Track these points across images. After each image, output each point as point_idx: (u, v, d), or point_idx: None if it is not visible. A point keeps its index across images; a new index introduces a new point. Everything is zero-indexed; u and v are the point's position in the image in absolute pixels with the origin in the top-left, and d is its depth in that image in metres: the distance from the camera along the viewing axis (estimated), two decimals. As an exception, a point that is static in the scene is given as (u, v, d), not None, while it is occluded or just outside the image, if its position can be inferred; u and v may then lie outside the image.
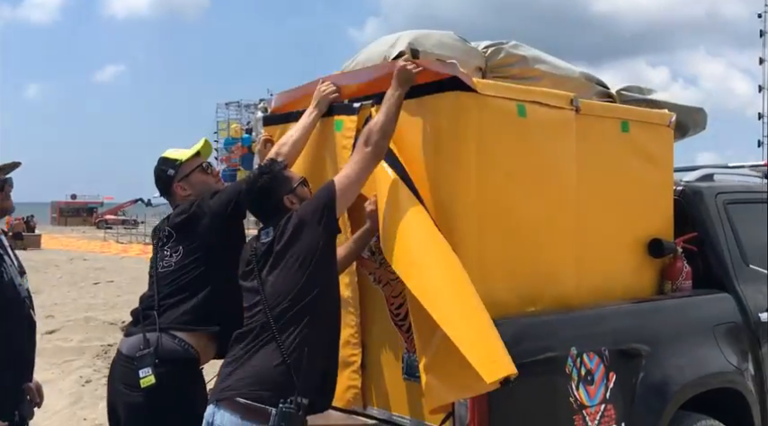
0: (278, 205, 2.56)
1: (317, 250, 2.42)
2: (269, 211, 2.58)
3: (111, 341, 7.88)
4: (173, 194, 2.96)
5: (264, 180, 2.60)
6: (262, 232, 2.55)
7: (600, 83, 3.57)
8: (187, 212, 2.82)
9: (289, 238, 2.44)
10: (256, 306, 2.43)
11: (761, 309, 3.31)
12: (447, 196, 2.56)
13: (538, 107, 2.77)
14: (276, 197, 2.57)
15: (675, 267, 3.25)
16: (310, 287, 2.39)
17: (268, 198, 2.58)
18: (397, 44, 2.95)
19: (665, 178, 3.34)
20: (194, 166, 2.95)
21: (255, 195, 2.62)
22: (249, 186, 2.64)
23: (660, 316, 3.06)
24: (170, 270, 2.77)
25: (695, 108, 3.89)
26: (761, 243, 3.60)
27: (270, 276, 2.44)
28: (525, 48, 3.26)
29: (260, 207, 2.63)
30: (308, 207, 2.51)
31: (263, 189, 2.60)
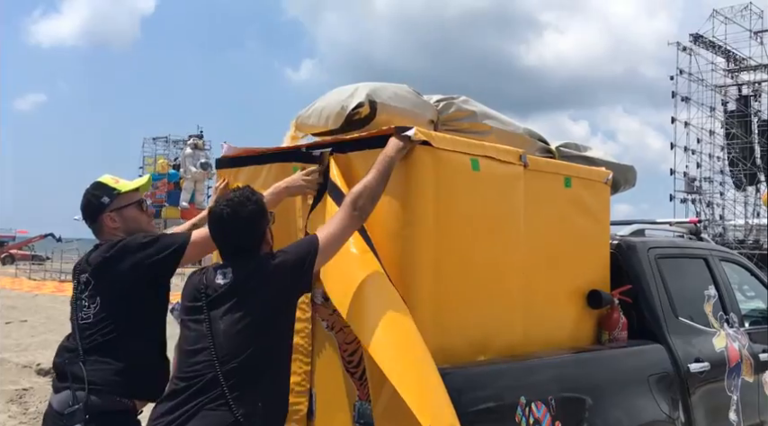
0: (257, 240, 2.38)
1: (284, 307, 2.31)
2: (246, 245, 2.37)
3: (26, 384, 7.43)
4: (100, 224, 2.72)
5: (252, 208, 2.38)
6: (219, 271, 2.34)
7: (541, 139, 3.75)
8: (110, 255, 2.56)
9: (256, 288, 2.27)
10: (202, 354, 2.23)
11: (690, 360, 3.49)
12: (405, 247, 2.61)
13: (490, 161, 2.88)
14: (260, 229, 2.40)
15: (612, 318, 3.39)
16: (270, 346, 2.26)
17: (253, 229, 2.38)
18: (356, 95, 3.02)
19: (602, 232, 3.51)
20: (132, 201, 2.76)
21: (241, 225, 2.36)
22: (232, 212, 2.36)
23: (601, 366, 3.18)
24: (89, 323, 2.54)
25: (627, 166, 4.13)
26: (688, 296, 3.82)
27: (223, 324, 2.25)
28: (475, 104, 3.40)
29: (239, 239, 2.38)
30: (287, 258, 2.34)
31: (251, 218, 2.38)
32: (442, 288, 2.65)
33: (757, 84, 31.39)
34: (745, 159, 30.67)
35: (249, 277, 2.30)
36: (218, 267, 2.37)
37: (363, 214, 2.49)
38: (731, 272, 4.32)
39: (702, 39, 30.49)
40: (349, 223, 2.47)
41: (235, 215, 2.37)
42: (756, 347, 4.06)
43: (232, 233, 2.39)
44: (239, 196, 2.41)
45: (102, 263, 2.58)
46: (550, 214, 3.20)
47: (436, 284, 2.63)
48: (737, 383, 3.80)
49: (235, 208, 2.38)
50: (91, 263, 2.62)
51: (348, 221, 2.47)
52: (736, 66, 31.61)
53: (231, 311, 2.26)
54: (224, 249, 2.45)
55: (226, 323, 2.25)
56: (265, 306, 2.27)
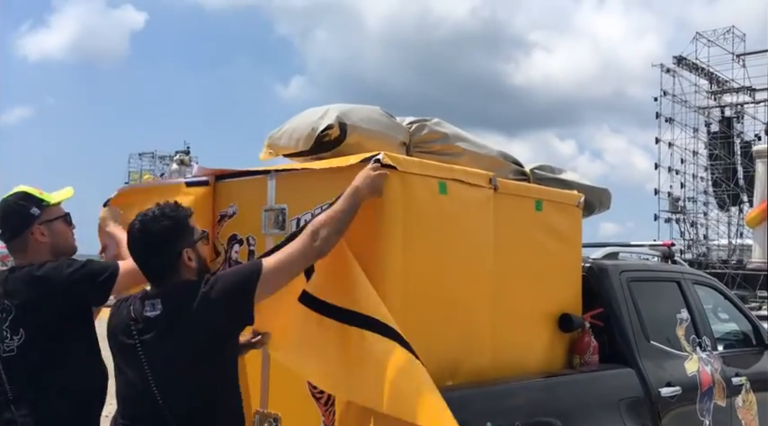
0: (173, 261, 2.16)
1: (223, 340, 2.14)
2: (161, 266, 2.17)
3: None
4: (24, 239, 2.50)
5: (166, 224, 2.15)
6: (147, 302, 2.13)
7: (515, 161, 3.77)
8: (34, 280, 2.38)
9: (190, 321, 2.08)
10: (146, 403, 2.08)
11: (661, 384, 3.49)
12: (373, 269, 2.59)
13: (458, 185, 2.88)
14: (175, 249, 2.16)
15: (584, 342, 3.38)
16: (215, 384, 2.13)
17: (164, 248, 2.15)
18: (326, 116, 3.02)
19: (574, 255, 3.51)
20: (61, 214, 2.60)
21: (151, 242, 2.15)
22: (143, 228, 2.16)
23: (571, 391, 3.16)
24: (12, 356, 2.35)
25: (601, 188, 4.15)
26: (661, 319, 3.82)
27: (161, 364, 2.08)
28: (447, 126, 3.42)
29: (150, 258, 2.18)
30: (222, 285, 2.12)
31: (162, 235, 2.15)
32: (410, 312, 2.63)
33: (739, 106, 31.84)
34: (728, 180, 31.01)
35: (180, 307, 2.10)
36: (145, 296, 2.17)
37: (325, 246, 2.29)
38: (705, 296, 4.34)
39: (686, 61, 30.91)
40: (306, 253, 2.26)
41: (145, 231, 2.16)
42: (729, 370, 4.06)
43: (144, 253, 2.19)
44: (154, 211, 2.20)
45: (24, 290, 2.38)
46: (521, 237, 3.20)
47: (404, 308, 2.61)
48: (709, 407, 3.79)
49: (146, 224, 2.17)
50: (10, 290, 2.41)
51: (305, 251, 2.26)
52: (719, 88, 32.05)
53: (167, 349, 2.09)
54: (144, 273, 2.24)
55: (164, 363, 2.09)
56: (201, 341, 2.09)
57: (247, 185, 3.12)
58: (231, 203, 3.17)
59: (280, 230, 2.95)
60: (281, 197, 2.99)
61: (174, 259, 2.17)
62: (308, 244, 2.27)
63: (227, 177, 3.23)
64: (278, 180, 3.00)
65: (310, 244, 2.27)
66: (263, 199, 3.02)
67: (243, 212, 3.12)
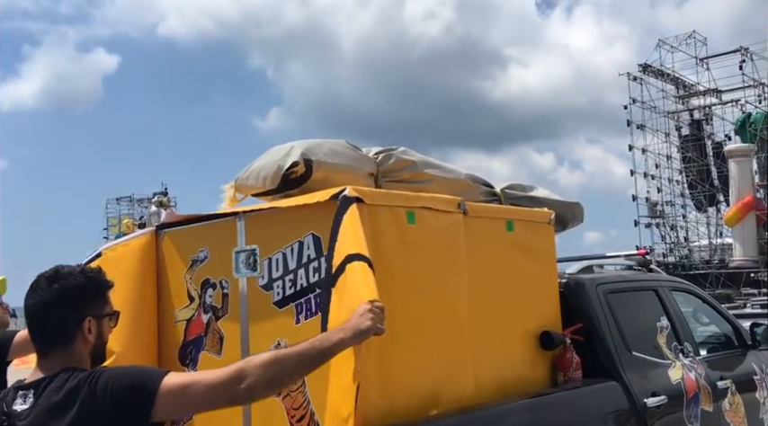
0: (71, 325, 1.82)
1: None
2: (56, 329, 1.82)
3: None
4: None
5: (81, 282, 1.84)
6: (20, 392, 1.77)
7: (485, 183, 3.80)
8: None
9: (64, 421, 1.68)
10: None
11: (646, 394, 3.49)
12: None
13: (427, 212, 2.89)
14: (79, 313, 1.84)
15: (566, 358, 3.38)
16: None
17: (69, 306, 1.83)
18: (291, 154, 3.03)
19: (549, 272, 3.53)
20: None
21: (57, 295, 1.81)
22: (54, 276, 1.83)
23: (556, 409, 3.16)
24: None
25: (572, 202, 4.19)
26: (641, 329, 3.84)
27: None
28: (414, 154, 3.44)
29: (50, 314, 1.82)
30: (113, 383, 1.71)
31: (73, 291, 1.82)
32: (386, 345, 2.61)
33: (707, 108, 32.42)
34: (703, 181, 31.44)
35: (55, 404, 1.71)
36: (19, 386, 1.82)
37: (249, 396, 1.79)
38: (683, 301, 4.37)
39: (651, 68, 31.49)
40: (217, 395, 1.76)
41: (54, 280, 1.84)
42: (713, 375, 4.08)
43: (44, 306, 1.82)
44: (75, 267, 1.90)
45: None
46: (494, 259, 3.21)
47: (379, 342, 2.59)
48: (697, 413, 3.80)
49: (60, 274, 1.85)
50: None
51: (217, 393, 1.76)
52: (686, 92, 32.65)
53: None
54: (35, 333, 1.86)
55: None
56: None
57: (217, 228, 3.11)
58: (201, 247, 3.15)
59: (252, 271, 2.94)
60: (251, 237, 2.98)
61: (73, 324, 1.83)
62: (227, 384, 1.76)
63: (195, 221, 3.22)
64: (247, 221, 3.00)
65: (231, 385, 1.76)
66: (233, 241, 3.01)
67: (214, 255, 3.11)
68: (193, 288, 3.16)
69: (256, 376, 1.76)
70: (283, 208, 2.86)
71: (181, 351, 3.16)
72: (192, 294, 3.16)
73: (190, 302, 3.16)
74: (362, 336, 1.98)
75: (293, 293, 2.80)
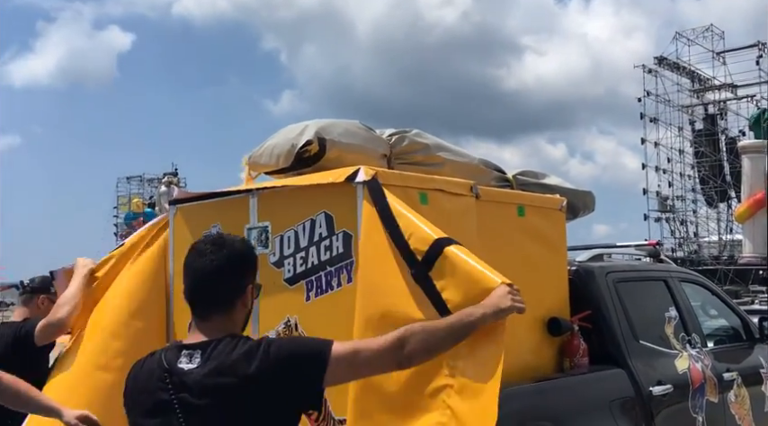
0: (236, 294, 1.90)
1: (279, 418, 1.81)
2: (220, 296, 1.88)
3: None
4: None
5: (240, 248, 1.93)
6: (184, 352, 1.84)
7: (497, 168, 3.79)
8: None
9: (236, 386, 1.75)
10: None
11: (651, 382, 3.50)
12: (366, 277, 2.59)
13: (439, 194, 2.90)
14: (242, 281, 1.91)
15: (573, 345, 3.39)
16: None
17: (236, 273, 1.91)
18: (305, 132, 3.04)
19: (559, 259, 3.53)
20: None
21: (226, 263, 1.87)
22: (213, 248, 1.89)
23: (562, 394, 3.17)
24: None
25: (584, 191, 4.18)
26: (649, 318, 3.84)
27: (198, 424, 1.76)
28: (428, 137, 3.44)
29: (214, 287, 1.87)
30: (286, 353, 1.81)
31: (241, 258, 1.91)
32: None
33: (722, 102, 32.16)
34: (715, 176, 31.25)
35: (227, 365, 1.77)
36: (182, 346, 1.87)
37: (409, 362, 1.93)
38: (693, 293, 4.37)
39: (667, 61, 31.21)
40: (383, 361, 1.90)
41: (223, 247, 1.91)
42: (720, 366, 4.08)
43: (212, 273, 1.87)
44: (233, 236, 2.01)
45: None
46: (505, 244, 3.21)
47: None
48: (702, 403, 3.81)
49: (229, 241, 1.94)
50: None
51: (384, 358, 1.89)
52: (701, 86, 32.36)
53: (206, 413, 1.76)
54: (196, 299, 1.91)
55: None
56: (248, 414, 1.77)
57: (229, 205, 3.13)
58: (214, 223, 3.17)
59: (263, 248, 2.95)
60: (263, 215, 3.00)
61: (238, 290, 1.91)
62: (389, 352, 1.89)
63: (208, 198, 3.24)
64: (260, 198, 3.01)
65: (393, 353, 1.89)
66: (245, 218, 3.03)
67: (226, 232, 3.11)
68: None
69: (416, 343, 1.91)
70: (296, 187, 2.87)
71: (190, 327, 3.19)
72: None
73: (201, 277, 3.18)
74: (503, 313, 2.13)
75: (304, 270, 2.82)
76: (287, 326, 2.84)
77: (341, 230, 2.72)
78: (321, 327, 2.69)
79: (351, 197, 2.64)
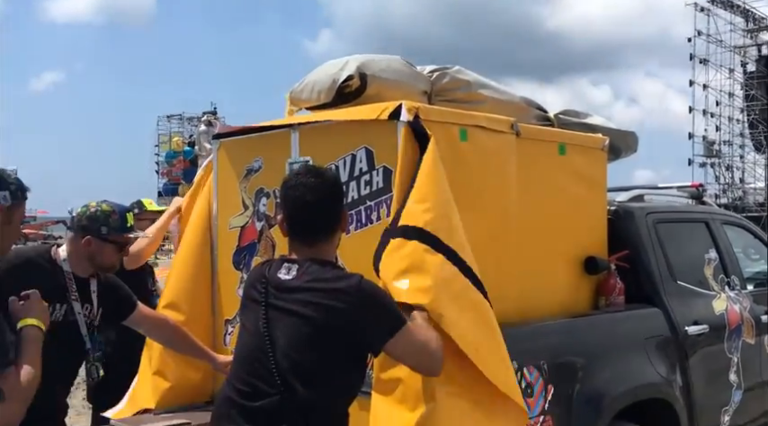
0: (335, 221, 2.12)
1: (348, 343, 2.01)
2: (323, 223, 2.10)
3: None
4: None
5: (335, 178, 2.19)
6: (284, 264, 2.08)
7: (539, 107, 3.74)
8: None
9: (320, 304, 1.97)
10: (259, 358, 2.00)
11: (687, 322, 3.51)
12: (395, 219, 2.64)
13: (479, 131, 2.89)
14: (340, 208, 2.14)
15: (609, 283, 3.41)
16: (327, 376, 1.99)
17: (336, 201, 2.13)
18: (346, 68, 3.04)
19: (599, 199, 3.51)
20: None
21: (329, 191, 2.10)
22: (313, 177, 2.09)
23: (595, 331, 3.22)
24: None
25: (627, 131, 4.11)
26: (688, 260, 3.83)
27: (280, 330, 2.00)
28: (469, 74, 3.40)
29: (319, 214, 2.08)
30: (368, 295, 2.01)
31: (335, 189, 2.14)
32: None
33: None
34: (766, 121, 30.13)
35: (322, 279, 2.01)
36: (285, 259, 2.12)
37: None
38: (735, 236, 4.31)
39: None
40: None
41: (324, 179, 2.12)
42: (759, 309, 4.06)
43: (319, 201, 2.07)
44: (309, 168, 2.21)
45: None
46: (545, 182, 3.21)
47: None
48: (738, 345, 3.81)
49: (325, 173, 2.19)
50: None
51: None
52: (756, 26, 30.90)
53: (289, 320, 2.00)
54: (299, 226, 2.11)
55: (283, 333, 2.00)
56: (325, 328, 1.97)
57: (272, 139, 3.18)
58: (256, 157, 3.23)
59: (305, 182, 3.00)
60: (304, 149, 3.03)
61: (338, 218, 2.12)
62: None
63: (250, 132, 3.29)
64: (301, 133, 3.05)
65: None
66: (287, 153, 3.08)
67: (268, 166, 3.18)
68: (248, 197, 3.26)
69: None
70: (337, 122, 2.89)
71: (235, 256, 3.29)
72: (246, 202, 3.26)
73: (244, 210, 3.27)
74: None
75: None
76: (327, 259, 2.91)
77: (381, 165, 2.75)
78: (360, 260, 2.75)
79: (392, 132, 2.66)
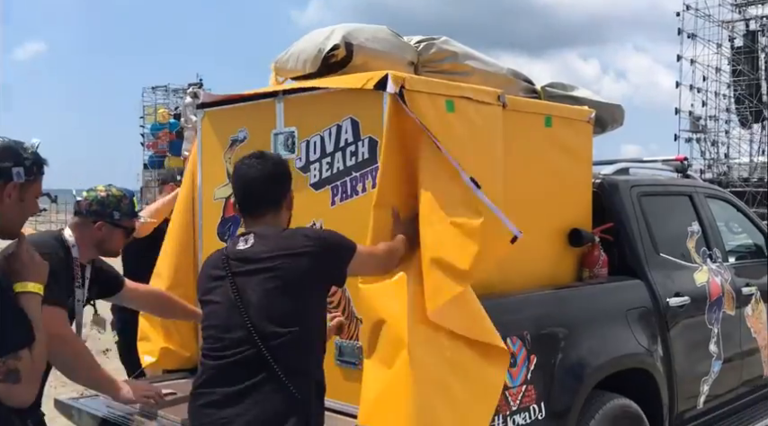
0: (281, 198, 2.36)
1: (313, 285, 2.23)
2: (271, 199, 2.33)
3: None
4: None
5: (282, 167, 2.39)
6: (240, 238, 2.27)
7: (526, 79, 3.73)
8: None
9: (282, 256, 2.17)
10: (234, 322, 2.14)
11: (669, 294, 3.56)
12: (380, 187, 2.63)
13: (466, 102, 2.87)
14: (285, 187, 2.38)
15: (593, 255, 3.44)
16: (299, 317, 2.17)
17: (282, 181, 2.37)
18: (332, 37, 3.01)
19: (584, 171, 3.52)
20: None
21: (274, 172, 2.34)
22: (266, 157, 2.38)
23: (578, 302, 3.25)
24: None
25: (614, 104, 4.11)
26: (671, 232, 3.86)
27: (249, 289, 2.15)
28: (456, 45, 3.38)
29: (269, 187, 2.33)
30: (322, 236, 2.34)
31: (284, 168, 2.40)
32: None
33: (765, 18, 30.67)
34: (752, 96, 30.23)
35: (278, 241, 2.23)
36: (239, 236, 2.32)
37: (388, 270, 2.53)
38: (718, 209, 4.35)
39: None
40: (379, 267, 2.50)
41: (269, 161, 2.38)
42: (739, 281, 4.12)
43: (264, 181, 2.32)
44: (258, 154, 2.42)
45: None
46: (530, 153, 3.21)
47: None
48: (718, 316, 3.87)
49: (271, 156, 2.44)
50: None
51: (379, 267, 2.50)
52: (744, 1, 30.83)
53: (256, 279, 2.17)
54: (250, 203, 2.35)
55: (253, 291, 2.15)
56: (291, 277, 2.16)
57: (256, 109, 3.15)
58: (241, 127, 3.20)
59: (290, 153, 2.99)
60: (290, 120, 3.01)
61: (283, 194, 2.37)
62: (384, 258, 2.51)
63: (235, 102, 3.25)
64: (286, 103, 3.02)
65: (386, 259, 2.51)
66: (272, 123, 3.05)
67: (253, 137, 3.16)
68: (232, 168, 3.23)
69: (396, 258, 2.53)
70: (323, 93, 2.87)
71: (219, 227, 3.29)
72: (230, 173, 3.24)
73: (228, 181, 3.25)
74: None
75: (330, 176, 2.86)
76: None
77: (367, 136, 2.74)
78: (346, 231, 2.75)
79: (378, 103, 2.64)
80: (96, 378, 2.64)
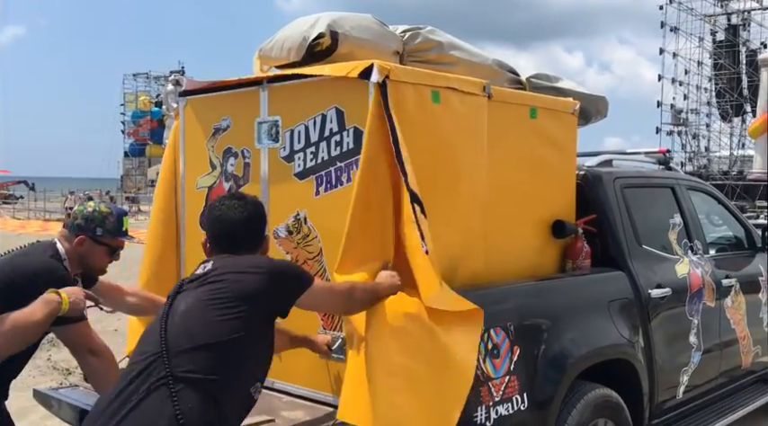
0: (257, 241, 2.35)
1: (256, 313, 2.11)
2: (243, 245, 2.28)
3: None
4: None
5: (261, 208, 2.38)
6: (200, 265, 2.23)
7: (511, 70, 3.72)
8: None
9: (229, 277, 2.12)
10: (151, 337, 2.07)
11: (651, 286, 3.58)
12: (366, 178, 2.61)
13: (452, 93, 2.86)
14: (262, 231, 2.37)
15: (576, 247, 3.45)
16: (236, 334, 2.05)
17: (259, 227, 2.36)
18: (317, 25, 2.98)
19: (568, 163, 3.53)
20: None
21: (254, 216, 2.33)
22: (239, 203, 2.32)
23: (561, 293, 3.26)
24: None
25: (598, 96, 4.12)
26: (653, 224, 3.89)
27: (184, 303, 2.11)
28: (441, 34, 3.36)
29: (247, 232, 2.31)
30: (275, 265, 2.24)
31: (260, 212, 2.36)
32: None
33: (746, 12, 30.94)
34: (732, 90, 30.54)
35: (227, 266, 2.17)
36: (200, 263, 2.27)
37: (355, 308, 2.46)
38: (699, 201, 4.39)
39: (693, -35, 29.82)
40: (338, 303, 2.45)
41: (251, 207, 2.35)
42: (719, 273, 4.16)
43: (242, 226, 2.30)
44: (239, 195, 2.41)
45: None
46: (515, 145, 3.21)
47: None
48: (699, 307, 3.91)
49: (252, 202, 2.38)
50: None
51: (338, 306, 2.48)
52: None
53: (197, 291, 2.12)
54: (226, 243, 2.30)
55: (187, 301, 2.10)
56: (230, 298, 2.08)
57: (240, 98, 3.11)
58: (224, 116, 3.17)
59: (273, 142, 2.96)
60: (273, 109, 2.98)
61: (260, 238, 2.37)
62: (346, 299, 2.43)
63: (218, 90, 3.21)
64: (270, 91, 2.99)
65: (349, 300, 2.43)
66: (255, 112, 3.02)
67: (236, 125, 3.13)
68: (215, 156, 3.20)
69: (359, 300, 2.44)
70: (307, 82, 2.84)
71: (202, 217, 3.25)
72: (213, 162, 3.21)
73: (212, 169, 3.21)
74: (397, 290, 2.54)
75: (314, 165, 2.84)
76: (296, 220, 2.89)
77: (352, 125, 2.72)
78: (330, 221, 2.75)
79: (363, 92, 2.62)
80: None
